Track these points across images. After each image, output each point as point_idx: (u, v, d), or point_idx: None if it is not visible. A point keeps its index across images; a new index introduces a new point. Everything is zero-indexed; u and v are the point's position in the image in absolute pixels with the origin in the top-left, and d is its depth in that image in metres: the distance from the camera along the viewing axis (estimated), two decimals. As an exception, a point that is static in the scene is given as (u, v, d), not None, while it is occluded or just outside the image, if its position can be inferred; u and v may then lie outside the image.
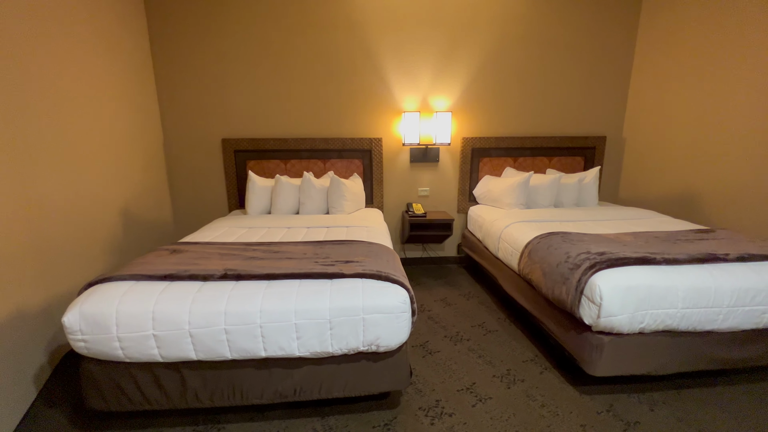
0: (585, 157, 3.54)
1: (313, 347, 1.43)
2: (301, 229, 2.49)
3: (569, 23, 3.24)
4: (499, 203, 3.11)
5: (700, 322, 1.64)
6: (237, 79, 3.06)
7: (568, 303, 1.71)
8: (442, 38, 3.14)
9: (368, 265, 1.65)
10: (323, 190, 2.96)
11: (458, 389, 1.81)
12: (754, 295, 1.63)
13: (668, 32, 3.13)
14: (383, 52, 3.13)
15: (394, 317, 1.45)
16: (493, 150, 3.41)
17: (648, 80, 3.31)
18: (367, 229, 2.49)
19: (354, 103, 3.22)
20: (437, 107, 3.29)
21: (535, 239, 2.18)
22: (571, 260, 1.79)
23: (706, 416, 1.63)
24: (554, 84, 3.35)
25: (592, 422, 1.60)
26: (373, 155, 3.30)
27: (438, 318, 2.52)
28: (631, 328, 1.61)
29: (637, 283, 1.60)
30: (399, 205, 3.47)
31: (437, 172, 3.43)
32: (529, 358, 2.06)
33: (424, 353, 2.12)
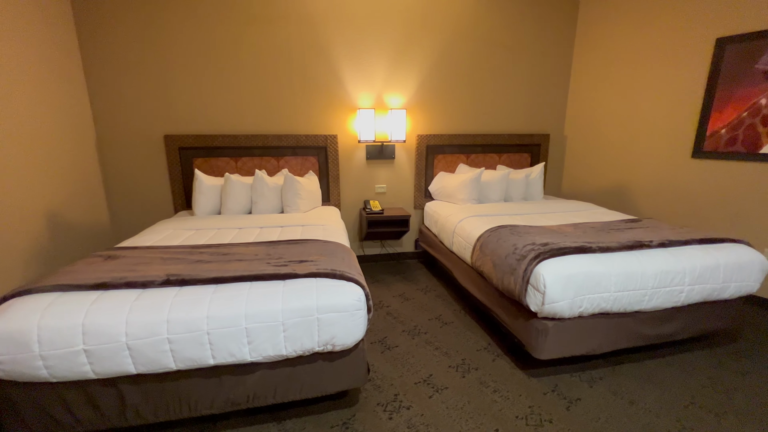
0: (531, 153, 3.74)
1: (266, 351, 1.38)
2: (254, 229, 2.40)
3: (514, 29, 3.40)
4: (454, 199, 3.20)
5: (630, 304, 1.80)
6: (180, 72, 2.87)
7: (516, 292, 1.81)
8: (395, 35, 3.16)
9: (323, 264, 1.62)
10: (277, 188, 2.87)
11: (416, 382, 1.85)
12: (673, 277, 1.82)
13: (600, 40, 3.39)
14: (337, 48, 3.09)
15: (349, 315, 1.44)
16: (446, 147, 3.50)
17: (585, 83, 3.57)
18: (324, 227, 2.45)
19: (308, 99, 3.14)
20: (392, 104, 3.31)
21: (486, 233, 2.27)
22: (518, 252, 1.89)
23: (637, 388, 1.80)
24: (502, 85, 3.50)
25: (539, 403, 1.70)
26: (328, 152, 3.25)
27: (396, 313, 2.55)
28: (572, 313, 1.73)
29: (576, 270, 1.72)
30: (356, 202, 3.46)
31: (393, 169, 3.46)
32: (483, 347, 2.15)
33: (383, 349, 2.13)
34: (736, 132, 2.63)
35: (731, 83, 2.62)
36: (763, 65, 2.47)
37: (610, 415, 1.64)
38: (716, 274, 1.87)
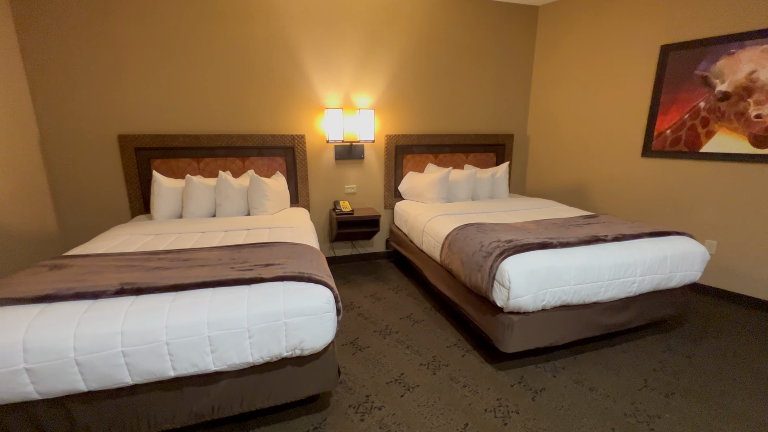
0: (496, 153, 3.86)
1: (231, 359, 1.33)
2: (218, 233, 2.31)
3: (478, 33, 3.48)
4: (423, 198, 3.24)
5: (588, 296, 1.90)
6: (134, 69, 2.71)
7: (483, 288, 1.85)
8: (361, 36, 3.15)
9: (290, 267, 1.59)
10: (242, 190, 2.78)
11: (387, 381, 1.85)
12: (626, 268, 1.94)
13: (558, 46, 3.55)
14: (303, 47, 3.03)
15: (318, 318, 1.42)
16: (415, 147, 3.53)
17: (544, 86, 3.73)
18: (292, 229, 2.40)
19: (274, 98, 3.07)
20: (360, 104, 3.30)
21: (454, 231, 2.32)
22: (485, 249, 1.94)
23: (596, 375, 1.90)
24: (468, 86, 3.58)
25: (506, 395, 1.76)
26: (296, 152, 3.19)
27: (368, 314, 2.54)
28: (535, 306, 1.80)
29: (539, 266, 1.79)
30: (326, 203, 3.42)
31: (363, 169, 3.45)
32: (453, 343, 2.19)
33: (354, 350, 2.12)
34: (679, 133, 2.84)
35: (674, 87, 2.82)
36: (701, 71, 2.68)
37: (572, 402, 1.72)
38: (664, 265, 2.02)
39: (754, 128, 2.49)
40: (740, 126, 2.54)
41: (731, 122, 2.58)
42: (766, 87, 2.41)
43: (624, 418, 1.62)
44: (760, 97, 2.44)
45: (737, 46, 2.50)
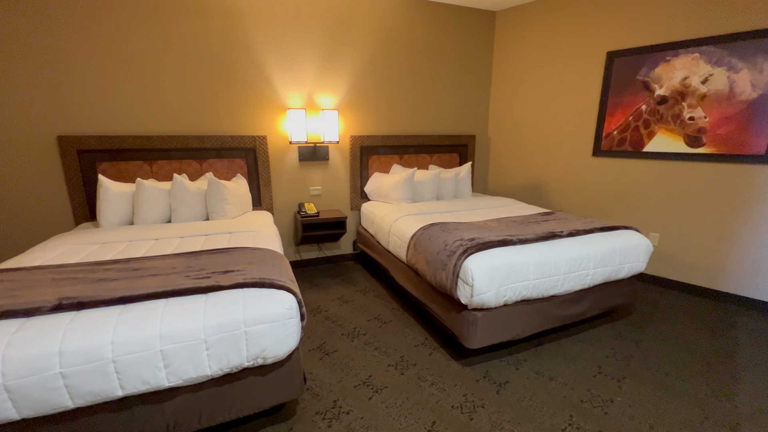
0: (460, 153, 3.95)
1: (187, 374, 1.26)
2: (173, 239, 2.18)
3: (438, 36, 3.55)
4: (389, 199, 3.25)
5: (546, 289, 1.98)
6: (76, 64, 2.50)
7: (448, 286, 1.89)
8: (324, 35, 3.11)
9: (250, 273, 1.53)
10: (200, 193, 2.65)
11: (355, 385, 1.83)
12: (580, 262, 2.04)
13: (515, 50, 3.69)
14: (262, 45, 2.94)
15: (280, 325, 1.37)
16: (380, 148, 3.54)
17: (503, 88, 3.87)
18: (254, 233, 2.32)
19: (233, 97, 2.95)
20: (324, 105, 3.25)
21: (419, 231, 2.34)
22: (449, 247, 1.98)
23: (555, 365, 1.99)
24: (430, 88, 3.64)
25: (472, 390, 1.80)
26: (258, 154, 3.09)
27: (335, 317, 2.51)
28: (497, 302, 1.86)
29: (500, 263, 1.85)
30: (290, 205, 3.34)
31: (328, 171, 3.40)
32: (420, 342, 2.21)
33: (321, 355, 2.08)
34: (625, 133, 3.04)
35: (620, 91, 3.03)
36: (642, 76, 2.89)
37: (534, 393, 1.78)
38: (613, 258, 2.15)
39: (688, 129, 2.72)
40: (676, 127, 2.77)
41: (669, 124, 2.80)
42: (698, 92, 2.64)
43: (581, 404, 1.71)
44: (692, 101, 2.67)
45: (672, 54, 2.72)
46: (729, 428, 1.58)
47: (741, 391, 1.80)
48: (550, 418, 1.62)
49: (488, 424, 1.58)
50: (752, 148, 2.47)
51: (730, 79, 2.50)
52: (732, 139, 2.54)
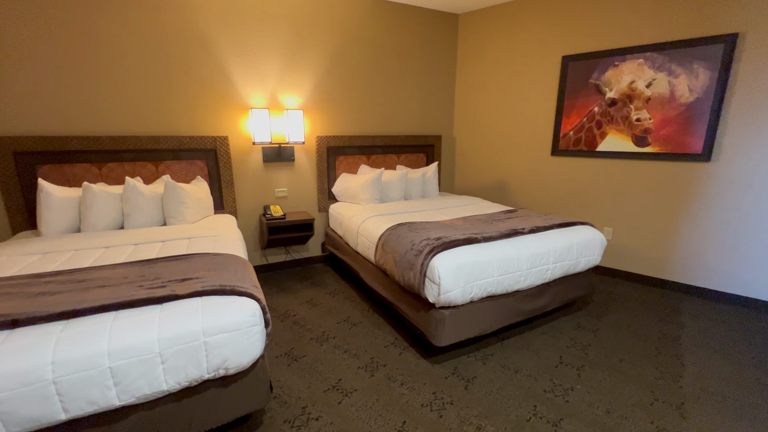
0: (426, 153, 4.00)
1: (141, 390, 1.18)
2: (126, 247, 2.05)
3: (403, 37, 3.58)
4: (357, 199, 3.23)
5: (510, 285, 2.05)
6: (10, 57, 2.28)
7: (416, 286, 1.90)
8: (286, 33, 3.04)
9: (210, 281, 1.46)
10: (156, 197, 2.51)
11: (325, 390, 1.80)
12: (541, 257, 2.13)
13: (477, 52, 3.79)
14: (222, 42, 2.83)
15: (242, 334, 1.32)
16: (347, 148, 3.51)
17: (467, 90, 3.96)
18: (215, 238, 2.23)
19: (191, 96, 2.81)
20: (288, 104, 3.18)
21: (387, 231, 2.34)
22: (416, 247, 1.99)
23: (520, 358, 2.06)
24: (396, 89, 3.66)
25: (441, 387, 1.82)
26: (219, 155, 2.97)
27: (304, 321, 2.46)
28: (464, 299, 1.89)
29: (465, 260, 1.88)
30: (255, 208, 3.23)
31: (294, 172, 3.33)
32: (390, 342, 2.21)
33: (289, 361, 2.03)
34: (579, 134, 3.21)
35: (574, 94, 3.18)
36: (594, 80, 3.06)
37: (500, 386, 1.83)
38: (571, 252, 2.26)
39: (635, 130, 2.91)
40: (625, 128, 2.95)
41: (618, 125, 2.98)
42: (643, 95, 2.83)
43: (544, 394, 1.78)
44: (638, 104, 2.86)
45: (620, 59, 2.90)
46: (675, 407, 1.70)
47: (685, 372, 1.95)
48: (516, 410, 1.67)
49: (457, 420, 1.61)
50: (691, 148, 2.69)
51: (671, 84, 2.70)
52: (674, 139, 2.75)
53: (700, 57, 2.56)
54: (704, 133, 2.62)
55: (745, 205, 2.57)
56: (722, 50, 2.48)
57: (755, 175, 2.51)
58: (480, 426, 1.58)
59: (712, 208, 2.69)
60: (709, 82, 2.55)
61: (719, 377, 1.90)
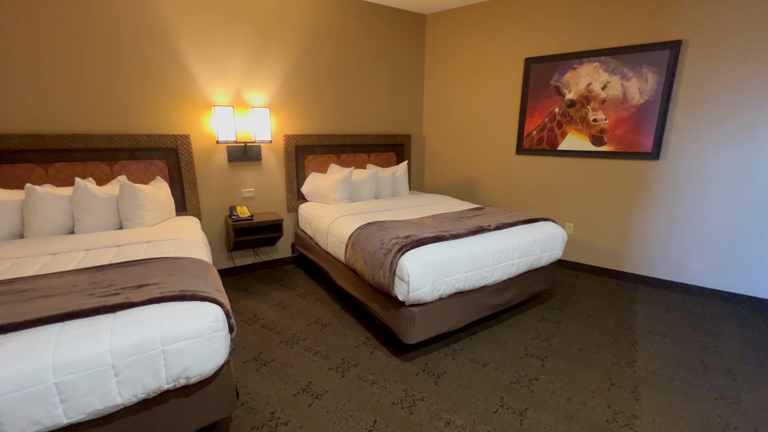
0: (396, 152, 4.02)
1: (92, 406, 1.11)
2: (77, 253, 1.91)
3: (372, 36, 3.57)
4: (327, 199, 3.20)
5: (477, 281, 2.10)
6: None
7: (386, 284, 1.90)
8: (251, 29, 2.95)
9: (169, 286, 1.39)
10: (110, 199, 2.36)
11: (294, 393, 1.77)
12: (506, 253, 2.20)
13: (445, 53, 3.85)
14: (181, 36, 2.70)
15: (204, 340, 1.27)
16: (316, 147, 3.46)
17: (436, 89, 4.01)
18: (176, 241, 2.13)
19: (148, 93, 2.67)
20: (254, 102, 3.09)
21: (357, 230, 2.33)
22: (385, 246, 1.99)
23: (488, 351, 2.11)
24: (366, 87, 3.65)
25: (411, 384, 1.84)
26: (180, 155, 2.83)
27: (273, 324, 2.40)
28: (433, 297, 1.92)
29: (434, 258, 1.91)
30: (221, 209, 3.12)
31: (261, 172, 3.24)
32: (362, 342, 2.20)
33: (258, 366, 1.98)
34: (542, 133, 3.33)
35: (537, 95, 3.31)
36: (555, 81, 3.19)
37: (469, 380, 1.87)
38: (535, 247, 2.34)
39: (592, 130, 3.06)
40: (583, 128, 3.10)
41: (577, 125, 3.13)
42: (599, 97, 2.99)
43: (511, 385, 1.84)
44: (595, 105, 3.01)
45: (577, 63, 3.04)
46: (630, 391, 1.80)
47: (639, 357, 2.08)
48: (484, 402, 1.72)
49: (427, 416, 1.63)
50: (642, 147, 2.86)
51: (624, 86, 2.86)
52: (627, 138, 2.92)
53: (649, 62, 2.73)
54: (653, 133, 2.80)
55: (689, 200, 2.77)
56: (668, 56, 2.66)
57: (697, 173, 2.71)
58: (449, 420, 1.61)
59: (661, 204, 2.88)
60: (657, 86, 2.73)
61: (668, 360, 2.05)
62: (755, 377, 1.91)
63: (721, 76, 2.54)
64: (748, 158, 2.54)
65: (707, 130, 2.64)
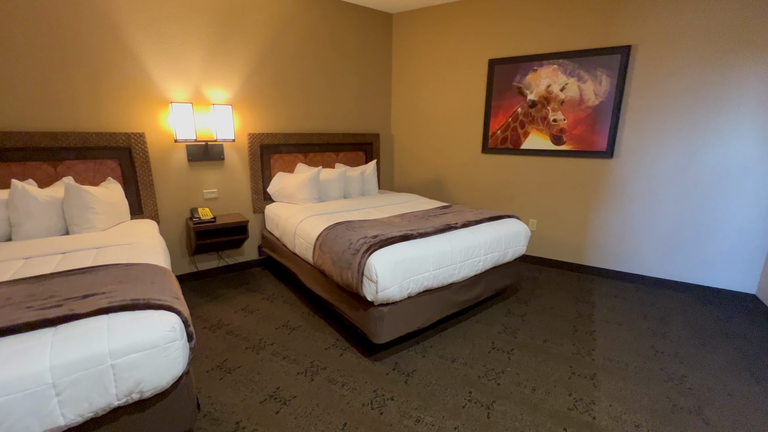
0: (365, 151, 4.00)
1: (29, 429, 1.01)
2: (12, 262, 1.75)
3: (339, 34, 3.52)
4: (294, 199, 3.13)
5: (445, 278, 2.13)
6: None
7: (354, 285, 1.88)
8: (210, 22, 2.82)
9: (119, 295, 1.30)
10: (54, 203, 2.18)
11: (261, 400, 1.71)
12: (472, 250, 2.24)
13: (412, 53, 3.87)
14: (131, 27, 2.53)
15: (160, 351, 1.20)
16: (283, 146, 3.37)
17: (404, 89, 4.03)
18: (130, 246, 2.00)
19: (96, 88, 2.48)
20: (215, 99, 2.96)
21: (324, 231, 2.29)
22: (353, 246, 1.97)
23: (457, 347, 2.15)
24: (333, 86, 3.60)
25: (382, 384, 1.83)
26: (134, 154, 2.67)
27: (239, 330, 2.32)
28: (402, 295, 1.92)
29: (402, 257, 1.91)
30: (181, 211, 2.97)
31: (224, 172, 3.12)
32: (331, 344, 2.17)
33: (222, 374, 1.90)
34: (506, 133, 3.43)
35: (500, 95, 3.40)
36: (517, 82, 3.29)
37: (439, 376, 1.90)
38: (500, 244, 2.41)
39: (552, 130, 3.19)
40: (544, 128, 3.22)
41: (538, 125, 3.25)
42: (558, 98, 3.11)
43: (479, 380, 1.88)
44: (554, 106, 3.14)
45: (538, 65, 3.15)
46: (589, 378, 1.90)
47: (597, 345, 2.19)
48: (453, 398, 1.74)
49: (397, 415, 1.63)
50: (598, 146, 3.02)
51: (580, 88, 3.00)
52: (584, 138, 3.06)
53: (603, 65, 2.88)
54: (608, 133, 2.95)
55: (640, 196, 2.96)
56: (619, 60, 2.81)
57: (646, 170, 2.90)
58: (419, 418, 1.62)
59: (616, 200, 3.05)
60: (610, 88, 2.88)
61: (623, 347, 2.17)
62: (698, 359, 2.07)
63: (666, 79, 2.72)
64: (689, 155, 2.74)
65: (655, 129, 2.82)
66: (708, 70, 2.58)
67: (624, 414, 1.66)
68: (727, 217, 2.70)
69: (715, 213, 2.73)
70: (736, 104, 2.54)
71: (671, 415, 1.66)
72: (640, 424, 1.61)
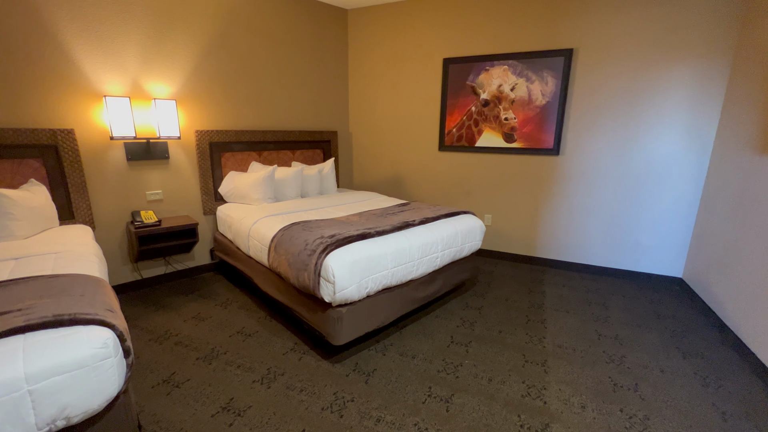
0: (323, 149, 3.92)
1: (-77, 473, 0.87)
2: None
3: (293, 28, 3.41)
4: (248, 199, 2.99)
5: (404, 275, 2.13)
6: None
7: (311, 286, 1.83)
8: (148, 9, 2.60)
9: (39, 311, 1.16)
10: (-39, 209, 1.91)
11: (213, 414, 1.62)
12: (430, 246, 2.27)
13: (368, 50, 3.84)
14: (56, 12, 2.27)
15: (89, 371, 1.08)
16: (234, 144, 3.21)
17: (360, 86, 3.99)
18: (57, 255, 1.80)
19: (11, 79, 2.20)
20: (157, 93, 2.75)
21: (280, 232, 2.21)
22: (309, 247, 1.92)
23: (416, 343, 2.17)
24: (288, 82, 3.48)
25: (342, 386, 1.80)
26: (61, 152, 2.40)
27: (188, 340, 2.18)
28: (360, 295, 1.90)
29: (360, 256, 1.89)
30: (121, 215, 2.73)
31: (170, 171, 2.91)
32: (289, 349, 2.10)
33: (169, 389, 1.77)
34: (461, 131, 3.52)
35: (455, 94, 3.47)
36: (470, 82, 3.38)
37: (399, 374, 1.90)
38: (457, 239, 2.46)
39: (504, 128, 3.32)
40: (497, 126, 3.34)
41: (491, 123, 3.36)
42: (509, 97, 3.24)
43: (438, 374, 1.90)
44: (506, 105, 3.26)
45: (489, 65, 3.26)
46: (540, 365, 1.99)
47: (547, 333, 2.31)
48: (413, 395, 1.75)
49: (357, 417, 1.61)
50: (545, 143, 3.18)
51: (529, 88, 3.14)
52: (533, 136, 3.21)
53: (548, 67, 3.03)
54: (554, 131, 3.12)
55: (583, 191, 3.16)
56: (563, 62, 2.97)
57: (588, 166, 3.10)
58: (379, 418, 1.61)
59: (562, 194, 3.24)
60: (555, 89, 3.04)
61: (570, 333, 2.31)
62: (635, 340, 2.25)
63: (603, 81, 2.92)
64: (623, 152, 2.97)
65: (595, 128, 3.02)
66: (640, 75, 2.80)
67: (572, 396, 1.76)
68: (656, 208, 2.96)
69: (646, 205, 2.99)
70: (663, 107, 2.79)
71: (612, 393, 1.79)
72: (586, 404, 1.71)
